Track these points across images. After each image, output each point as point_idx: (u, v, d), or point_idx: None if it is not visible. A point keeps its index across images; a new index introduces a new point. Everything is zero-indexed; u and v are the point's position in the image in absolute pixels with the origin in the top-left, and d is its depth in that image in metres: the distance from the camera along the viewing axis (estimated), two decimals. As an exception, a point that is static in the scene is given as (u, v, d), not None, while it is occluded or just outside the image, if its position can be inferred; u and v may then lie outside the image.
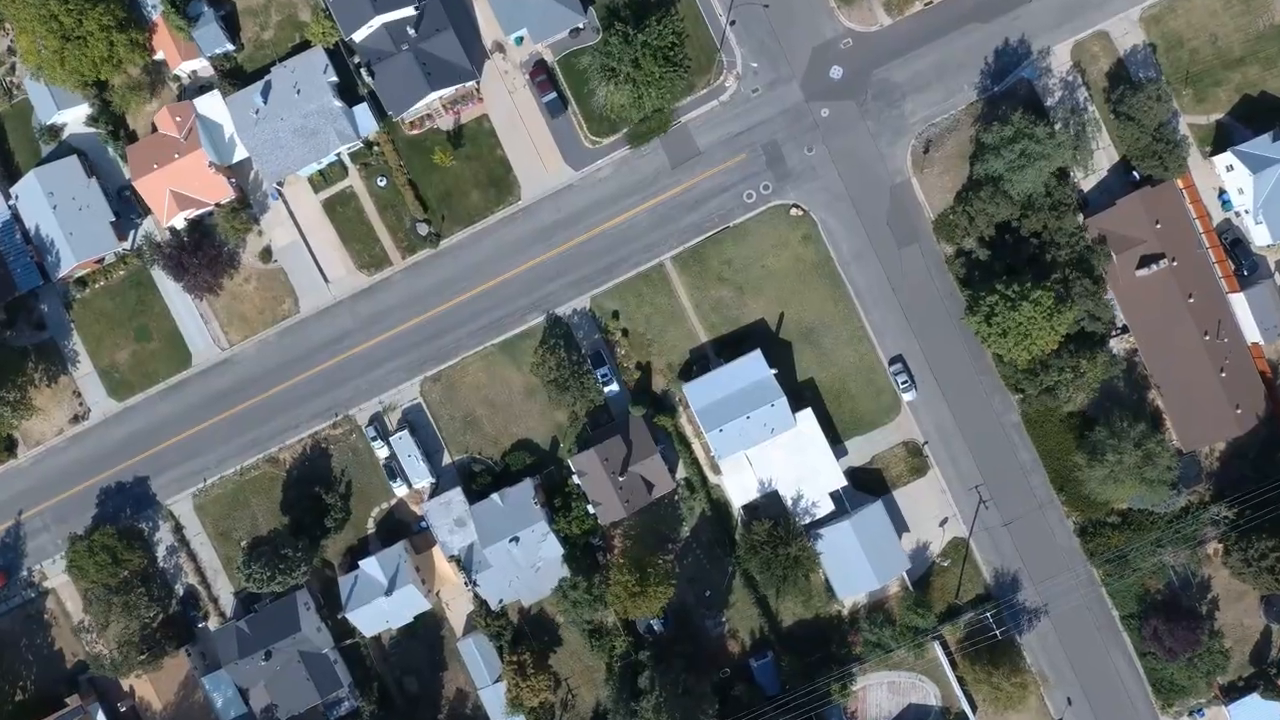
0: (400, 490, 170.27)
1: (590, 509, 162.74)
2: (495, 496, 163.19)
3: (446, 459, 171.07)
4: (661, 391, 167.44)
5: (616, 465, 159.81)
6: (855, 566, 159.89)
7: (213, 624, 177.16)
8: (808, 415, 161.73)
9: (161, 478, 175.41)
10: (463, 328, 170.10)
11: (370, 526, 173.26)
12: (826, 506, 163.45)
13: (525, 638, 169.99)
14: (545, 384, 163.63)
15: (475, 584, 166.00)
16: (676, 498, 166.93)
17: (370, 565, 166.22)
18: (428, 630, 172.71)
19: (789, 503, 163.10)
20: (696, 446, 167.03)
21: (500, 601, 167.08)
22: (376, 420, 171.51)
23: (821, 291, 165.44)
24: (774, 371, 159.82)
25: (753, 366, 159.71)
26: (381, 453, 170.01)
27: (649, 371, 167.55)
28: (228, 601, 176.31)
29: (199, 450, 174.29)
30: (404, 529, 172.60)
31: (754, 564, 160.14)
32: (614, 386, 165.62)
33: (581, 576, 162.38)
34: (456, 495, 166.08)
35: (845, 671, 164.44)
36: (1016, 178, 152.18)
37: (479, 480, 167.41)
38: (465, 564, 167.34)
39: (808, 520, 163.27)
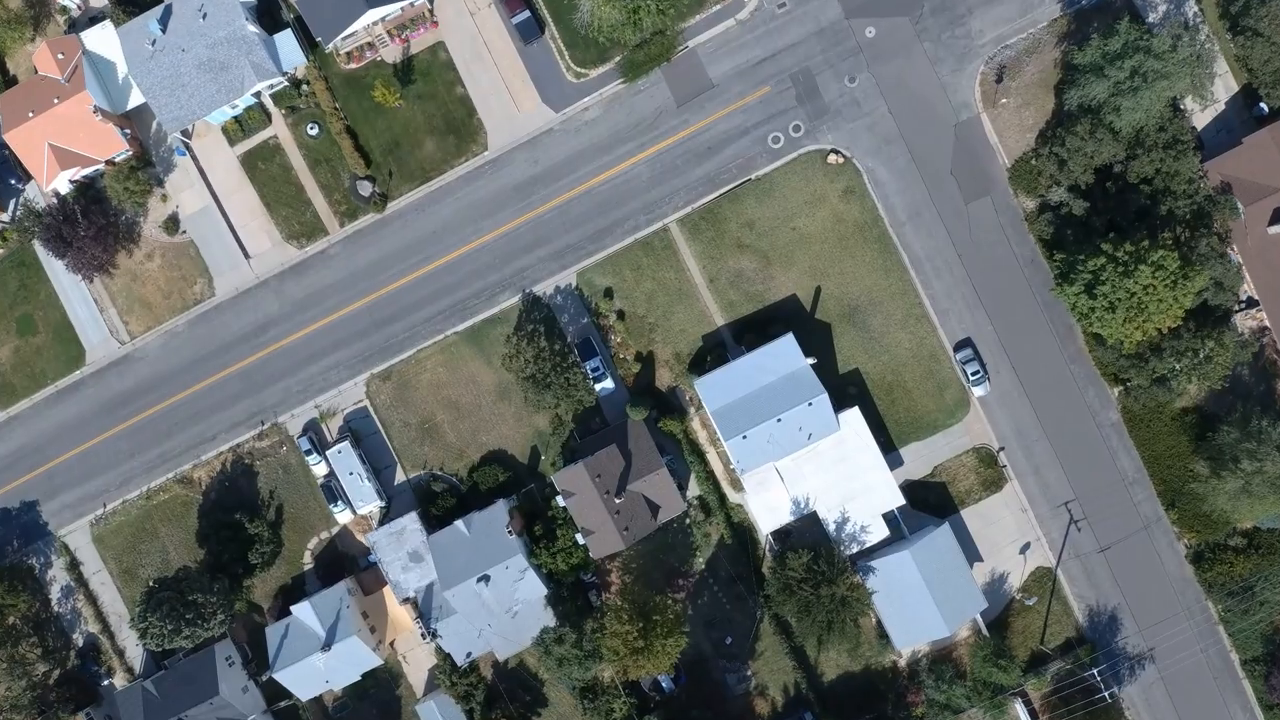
0: (343, 516, 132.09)
1: (580, 538, 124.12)
2: (460, 524, 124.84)
3: (400, 477, 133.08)
4: (668, 389, 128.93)
5: (612, 483, 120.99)
6: (918, 608, 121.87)
7: (119, 682, 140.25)
8: (854, 416, 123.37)
9: (52, 503, 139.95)
10: (417, 312, 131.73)
11: (307, 562, 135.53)
12: (879, 532, 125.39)
13: (501, 699, 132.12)
14: (521, 381, 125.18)
15: (435, 634, 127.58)
16: (688, 523, 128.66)
17: (304, 611, 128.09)
18: (380, 690, 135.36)
19: (831, 528, 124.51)
20: (713, 458, 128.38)
21: (468, 655, 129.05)
22: (312, 429, 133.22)
23: (868, 259, 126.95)
24: (811, 361, 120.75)
25: (783, 355, 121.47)
26: (319, 469, 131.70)
27: (651, 364, 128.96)
28: (136, 654, 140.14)
29: (96, 469, 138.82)
30: (348, 565, 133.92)
31: (789, 607, 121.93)
32: (608, 383, 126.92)
33: (569, 626, 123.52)
34: (412, 522, 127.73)
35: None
36: (1126, 105, 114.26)
37: (440, 503, 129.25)
38: (423, 609, 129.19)
39: (855, 549, 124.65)
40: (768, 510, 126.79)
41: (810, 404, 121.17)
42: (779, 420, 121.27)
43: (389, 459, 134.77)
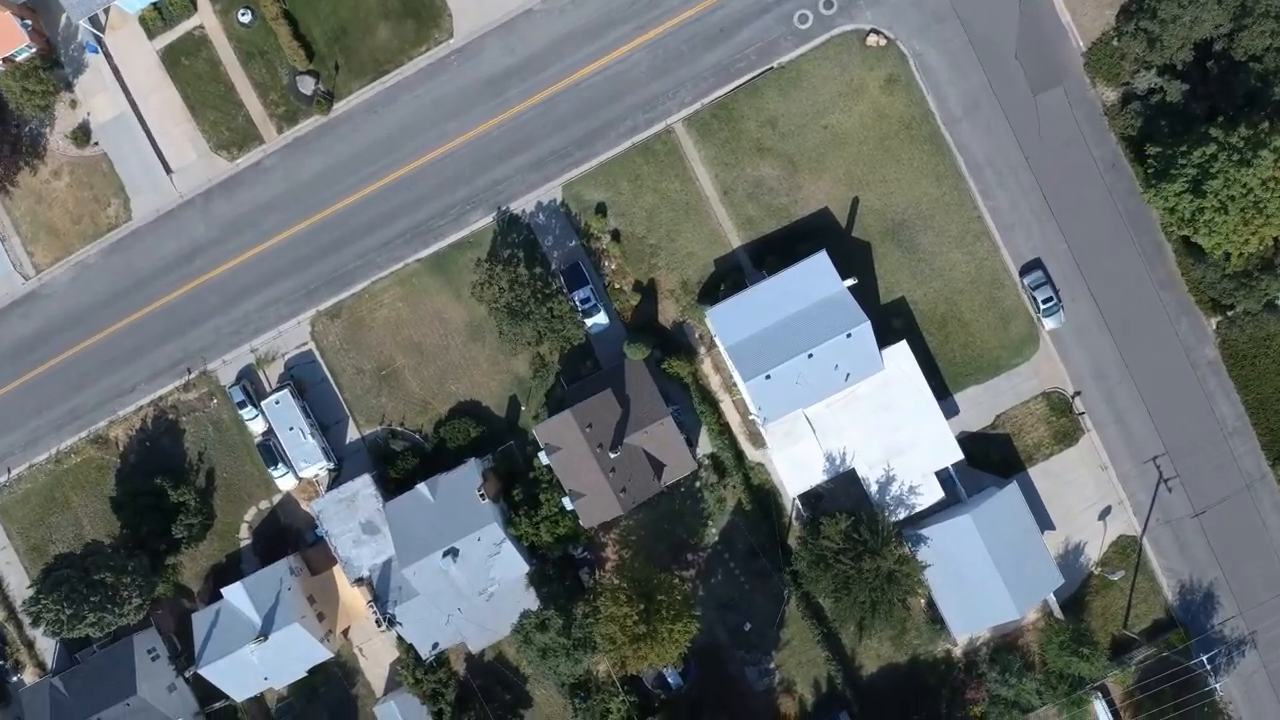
0: (284, 482, 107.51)
1: (567, 503, 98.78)
2: (422, 487, 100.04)
3: (352, 434, 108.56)
4: (673, 325, 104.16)
5: (606, 435, 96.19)
6: (980, 585, 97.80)
7: (29, 677, 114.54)
8: (902, 352, 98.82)
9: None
10: (371, 236, 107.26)
11: (243, 537, 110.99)
12: (932, 494, 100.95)
13: (475, 699, 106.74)
14: (494, 312, 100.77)
15: (393, 621, 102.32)
16: (698, 486, 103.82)
17: (236, 595, 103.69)
18: (332, 689, 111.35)
19: (873, 489, 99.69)
20: (728, 407, 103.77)
21: (435, 647, 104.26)
22: (247, 378, 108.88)
23: (916, 164, 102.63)
24: (850, 282, 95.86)
25: (815, 276, 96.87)
26: (256, 426, 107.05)
27: (654, 294, 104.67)
28: (48, 647, 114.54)
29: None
30: (293, 540, 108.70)
31: (822, 584, 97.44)
32: (600, 318, 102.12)
33: (555, 609, 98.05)
34: (365, 487, 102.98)
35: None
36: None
37: (400, 464, 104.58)
38: (379, 591, 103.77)
39: (902, 515, 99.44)
40: (795, 469, 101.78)
41: (849, 335, 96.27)
42: (810, 356, 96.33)
43: (339, 412, 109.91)
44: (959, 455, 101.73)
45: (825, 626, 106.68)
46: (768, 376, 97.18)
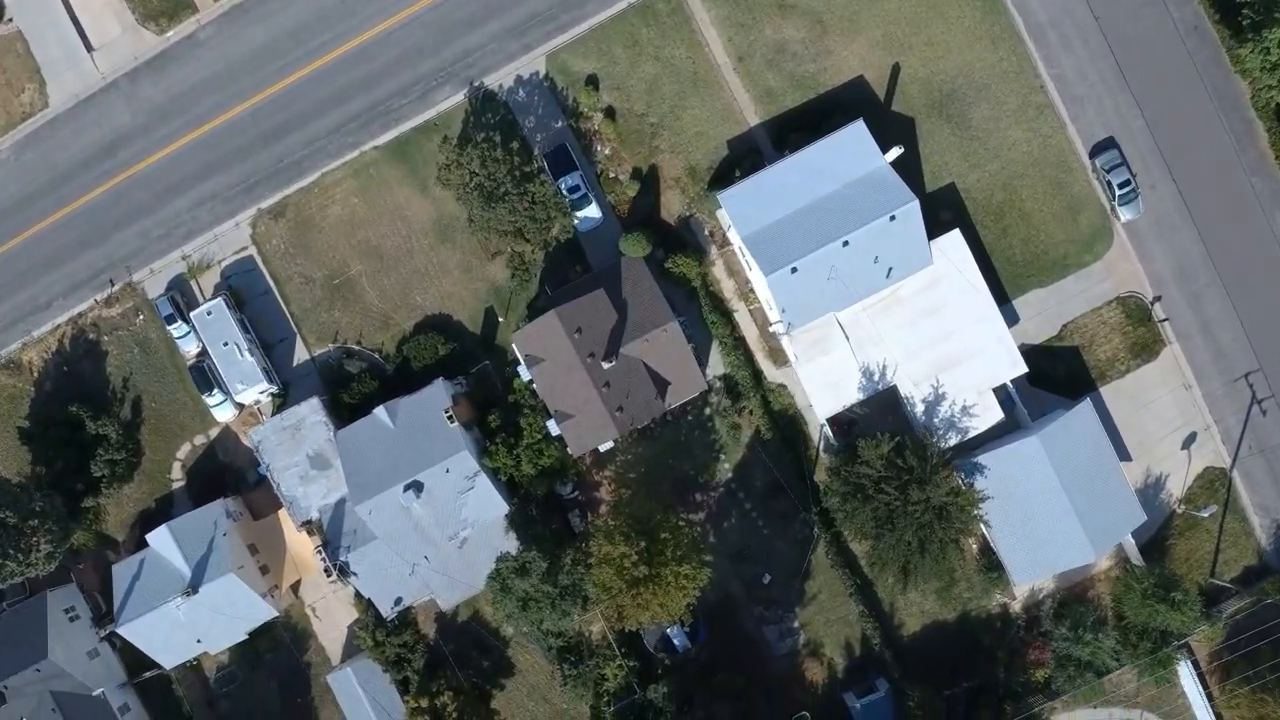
0: (222, 411, 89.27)
1: (553, 427, 79.76)
2: (380, 411, 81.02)
3: (299, 353, 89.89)
4: (678, 220, 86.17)
5: (599, 342, 77.40)
6: (1048, 523, 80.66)
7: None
8: (954, 244, 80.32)
9: None
10: (321, 119, 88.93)
11: (176, 477, 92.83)
12: (989, 416, 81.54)
13: (447, 665, 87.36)
14: (464, 197, 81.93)
15: (346, 571, 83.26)
16: (709, 413, 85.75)
17: (162, 541, 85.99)
18: (280, 654, 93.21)
19: (918, 410, 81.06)
20: (744, 318, 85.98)
21: (398, 604, 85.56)
22: (178, 289, 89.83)
23: (968, 23, 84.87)
24: (895, 153, 77.17)
25: (851, 150, 78.44)
26: (188, 345, 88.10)
27: (655, 183, 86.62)
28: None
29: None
30: (233, 481, 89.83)
31: (859, 522, 78.55)
32: (591, 211, 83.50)
33: (539, 552, 79.30)
34: (313, 413, 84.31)
35: (1025, 717, 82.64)
36: None
37: (357, 388, 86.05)
38: (330, 536, 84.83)
39: (953, 441, 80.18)
40: (825, 387, 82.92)
41: (893, 218, 77.15)
42: (845, 244, 77.55)
43: (284, 329, 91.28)
44: (1022, 368, 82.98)
45: (859, 577, 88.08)
46: (793, 270, 78.44)
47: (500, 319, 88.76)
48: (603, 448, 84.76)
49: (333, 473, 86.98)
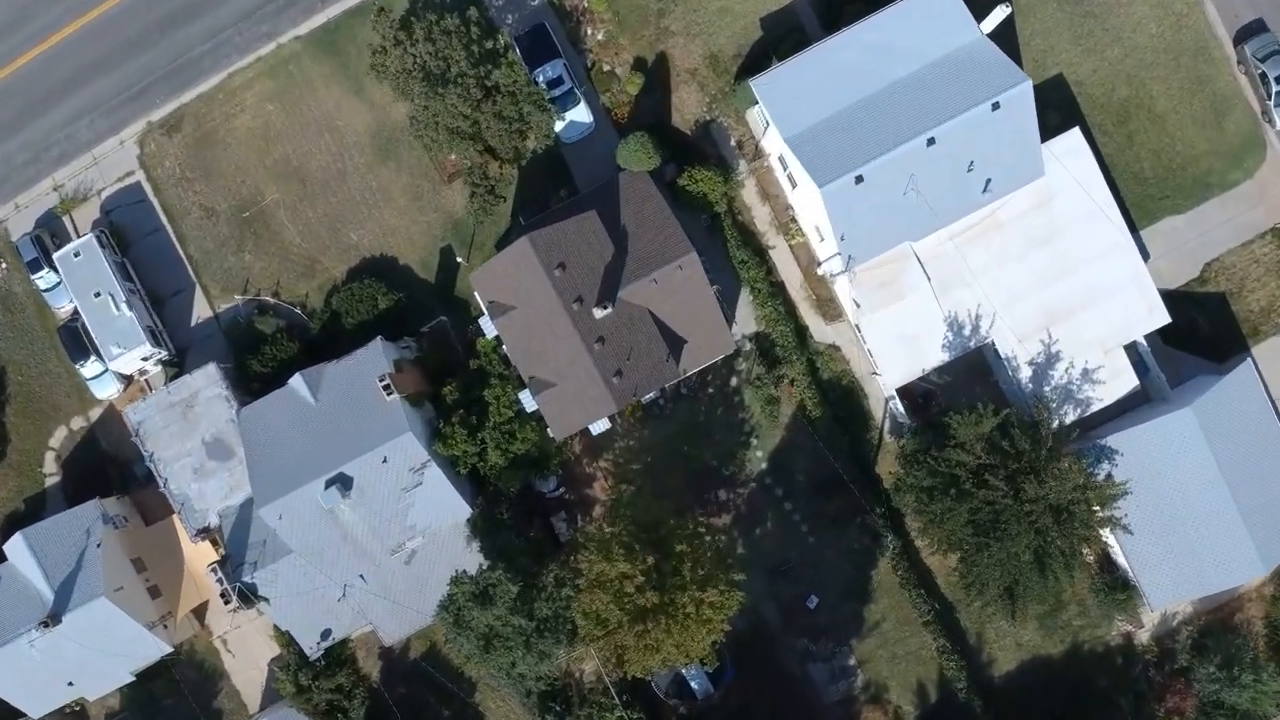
0: (102, 385, 66.83)
1: (528, 400, 55.16)
2: (297, 381, 56.15)
3: (199, 308, 65.64)
4: (696, 125, 61.89)
5: (588, 284, 52.89)
6: (1204, 526, 56.21)
7: None
8: (1073, 146, 55.80)
9: None
10: (226, 1, 63.09)
11: (50, 469, 68.99)
12: (1119, 384, 56.26)
13: (394, 716, 62.62)
14: (403, 88, 56.49)
15: (252, 595, 58.78)
16: (737, 378, 62.46)
17: (17, 553, 62.63)
18: (182, 703, 66.30)
19: (1021, 375, 57.51)
20: (783, 251, 62.41)
21: (325, 637, 61.29)
22: (47, 228, 65.95)
23: None
24: (1003, 12, 52.17)
25: (932, 19, 53.85)
26: (60, 301, 64.66)
27: (663, 73, 64.72)
28: None
29: None
30: (119, 475, 65.45)
31: (946, 530, 54.13)
32: (579, 114, 61.20)
33: (507, 572, 54.34)
34: (210, 385, 61.10)
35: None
36: None
37: (271, 352, 61.92)
38: (232, 549, 60.18)
39: (1071, 418, 55.29)
40: (896, 346, 59.26)
41: (995, 106, 52.85)
42: (930, 143, 52.84)
43: (180, 278, 67.85)
44: (1163, 317, 58.96)
45: (937, 599, 63.49)
46: (857, 179, 54.06)
47: (460, 261, 64.77)
48: (595, 429, 60.59)
49: (236, 464, 63.26)
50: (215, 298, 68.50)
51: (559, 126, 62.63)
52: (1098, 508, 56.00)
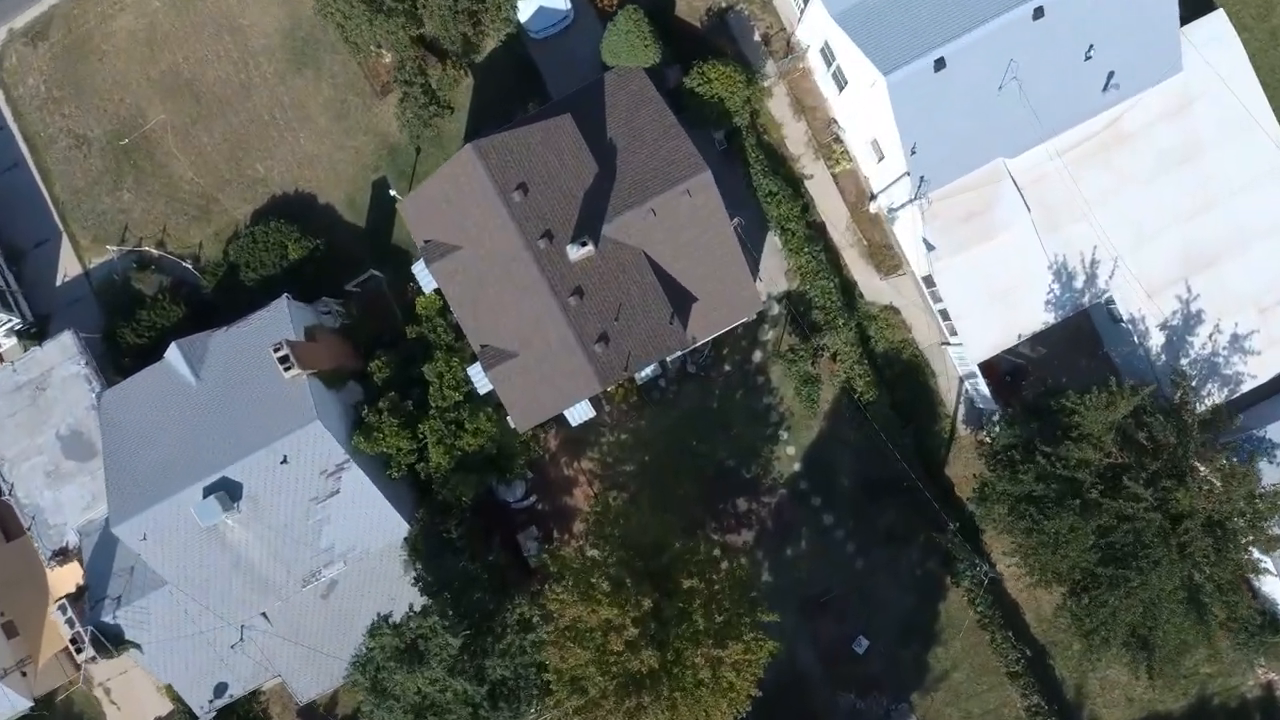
0: (-62, 365, 46.73)
1: (478, 377, 36.91)
2: (173, 355, 37.94)
3: (67, 263, 47.88)
4: (709, 11, 42.35)
5: (560, 214, 34.69)
6: None
7: None
8: (1218, 33, 36.99)
9: None
10: None
11: (-120, 474, 48.94)
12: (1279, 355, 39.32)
13: None
14: None
15: (111, 641, 40.34)
16: (762, 350, 45.18)
17: None
18: (46, 770, 49.29)
19: (1151, 342, 38.31)
20: (823, 180, 46.46)
21: (221, 693, 42.42)
22: None
23: None
24: None
25: None
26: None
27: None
28: None
29: None
30: None
31: (1066, 555, 34.78)
32: None
33: (444, 619, 36.23)
34: (66, 360, 43.68)
35: None
36: None
37: (149, 318, 42.79)
38: (92, 578, 41.96)
39: (1215, 398, 37.13)
40: (982, 304, 41.07)
41: None
42: (1038, 15, 35.05)
43: (42, 224, 51.20)
44: (1352, 262, 41.24)
45: (1027, 642, 45.87)
46: (937, 64, 36.70)
47: (398, 198, 46.99)
48: (574, 417, 43.13)
49: (100, 465, 45.36)
50: (86, 250, 51.37)
51: (524, 13, 45.15)
52: (1272, 523, 38.40)
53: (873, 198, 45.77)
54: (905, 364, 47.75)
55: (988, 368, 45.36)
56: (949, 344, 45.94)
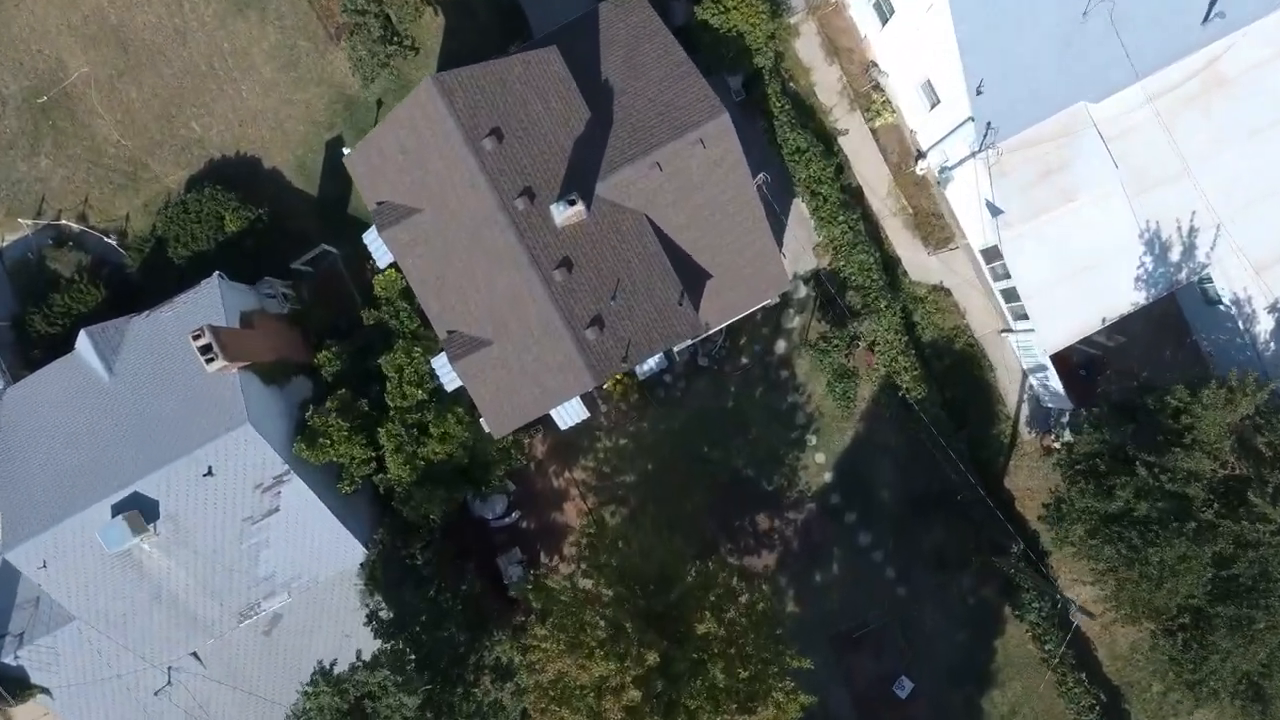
0: None
1: (443, 369, 28.44)
2: (83, 345, 29.57)
3: None
4: None
5: (542, 165, 25.77)
6: None
7: None
8: None
9: None
10: None
11: None
12: None
13: None
14: None
15: (6, 691, 31.80)
16: (786, 339, 36.63)
17: None
18: (-45, 826, 40.30)
19: (1258, 326, 28.64)
20: (861, 137, 40.85)
21: None
22: None
23: None
24: None
25: None
26: None
27: None
28: None
29: None
30: None
31: (1185, 588, 27.38)
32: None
33: (398, 672, 27.75)
34: (-40, 353, 33.49)
35: None
36: None
37: (63, 303, 34.65)
38: None
39: None
40: (1057, 283, 32.06)
41: None
42: None
43: (-62, 191, 41.29)
44: None
45: (1101, 685, 37.47)
46: None
47: (348, 154, 38.48)
48: (563, 419, 34.63)
49: None
50: (-5, 225, 42.96)
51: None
52: None
53: (921, 155, 37.58)
54: (958, 355, 39.58)
55: (1058, 360, 37.12)
56: (1011, 331, 37.74)
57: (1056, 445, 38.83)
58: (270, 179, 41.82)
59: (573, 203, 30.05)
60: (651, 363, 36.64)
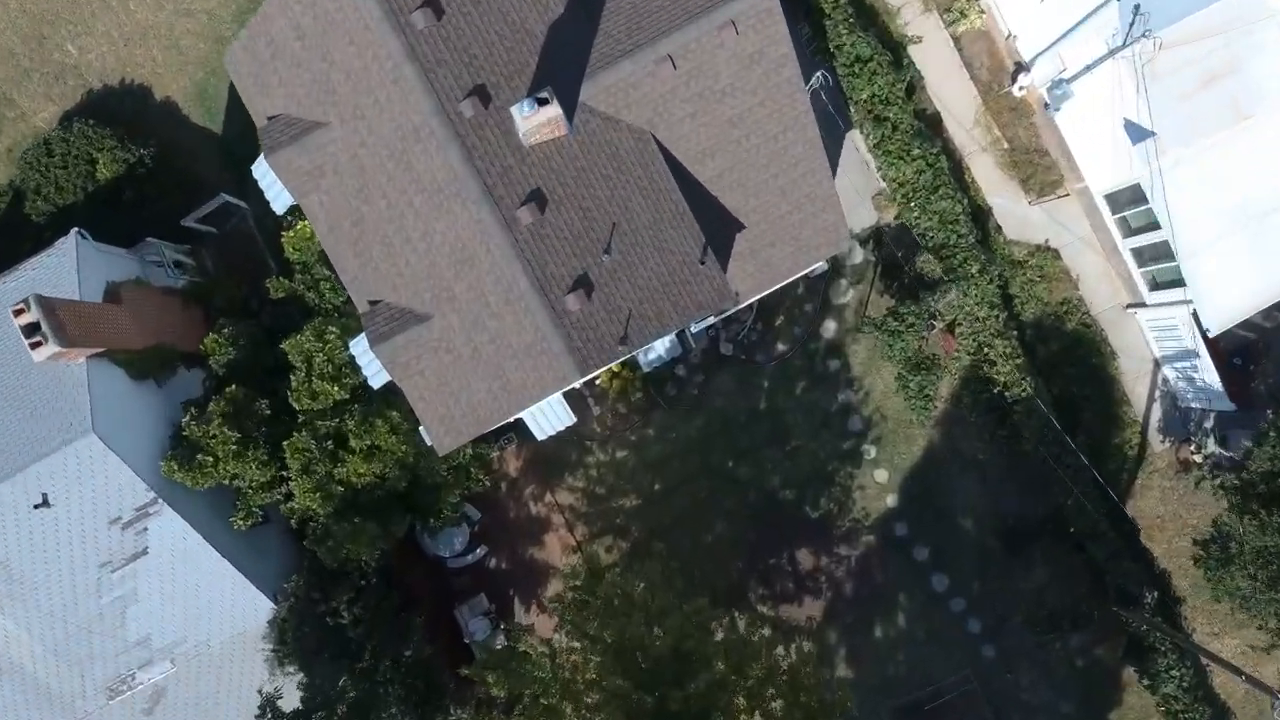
0: None
1: (356, 352, 18.27)
2: None
3: None
4: None
5: (497, 55, 16.27)
6: None
7: None
8: None
9: None
10: None
11: None
12: None
13: None
14: None
15: None
16: (840, 316, 25.10)
17: None
18: None
19: None
20: (935, 44, 29.53)
21: None
22: None
23: None
24: None
25: None
26: None
27: None
28: None
29: None
30: None
31: None
32: None
33: None
34: None
35: None
36: None
37: None
38: None
39: None
40: (1223, 236, 20.60)
41: None
42: None
43: None
44: None
45: None
46: None
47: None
48: (540, 426, 23.71)
49: None
50: None
51: None
52: None
53: (1021, 70, 26.85)
54: (1068, 338, 28.94)
55: (1216, 347, 26.38)
56: (1144, 305, 27.04)
57: (1198, 458, 28.28)
58: (163, 112, 31.45)
59: (543, 101, 19.43)
60: (659, 348, 26.07)
